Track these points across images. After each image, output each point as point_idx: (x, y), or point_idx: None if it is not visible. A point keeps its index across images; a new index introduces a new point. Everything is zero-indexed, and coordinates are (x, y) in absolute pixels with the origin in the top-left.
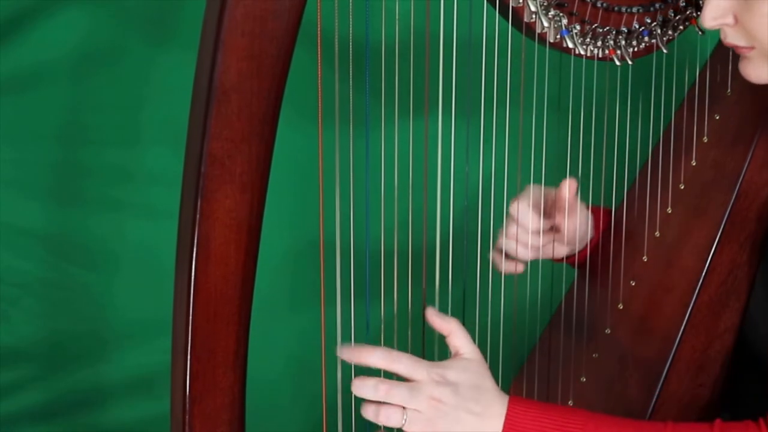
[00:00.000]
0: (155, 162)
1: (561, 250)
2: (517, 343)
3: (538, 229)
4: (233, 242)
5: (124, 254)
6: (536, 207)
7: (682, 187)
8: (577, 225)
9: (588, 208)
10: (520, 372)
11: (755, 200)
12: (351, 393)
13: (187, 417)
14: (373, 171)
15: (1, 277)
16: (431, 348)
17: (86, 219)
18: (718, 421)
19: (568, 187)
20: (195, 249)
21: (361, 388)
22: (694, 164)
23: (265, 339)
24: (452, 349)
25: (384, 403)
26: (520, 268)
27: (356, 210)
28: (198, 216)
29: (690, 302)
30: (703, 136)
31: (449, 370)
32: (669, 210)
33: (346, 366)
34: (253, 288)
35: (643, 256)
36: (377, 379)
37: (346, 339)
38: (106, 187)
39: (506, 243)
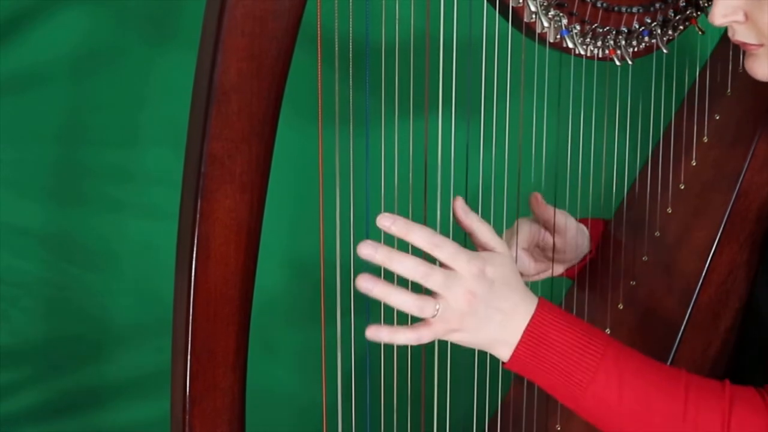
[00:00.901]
0: (155, 162)
1: (557, 269)
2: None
3: (533, 269)
4: (233, 242)
5: (125, 254)
6: (531, 241)
7: (682, 187)
8: (567, 239)
9: (586, 221)
10: None
11: (755, 200)
12: (351, 393)
13: (187, 417)
14: (373, 171)
15: (1, 277)
16: (431, 352)
17: (86, 219)
18: (727, 381)
19: (533, 201)
20: (195, 249)
21: (400, 263)
22: (694, 164)
23: (265, 339)
24: (480, 246)
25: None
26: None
27: (356, 210)
28: (198, 216)
29: (690, 302)
30: (703, 136)
31: (489, 265)
32: (669, 210)
33: (346, 366)
34: (253, 288)
35: (643, 256)
36: (418, 259)
37: (345, 339)
38: (106, 187)
39: None
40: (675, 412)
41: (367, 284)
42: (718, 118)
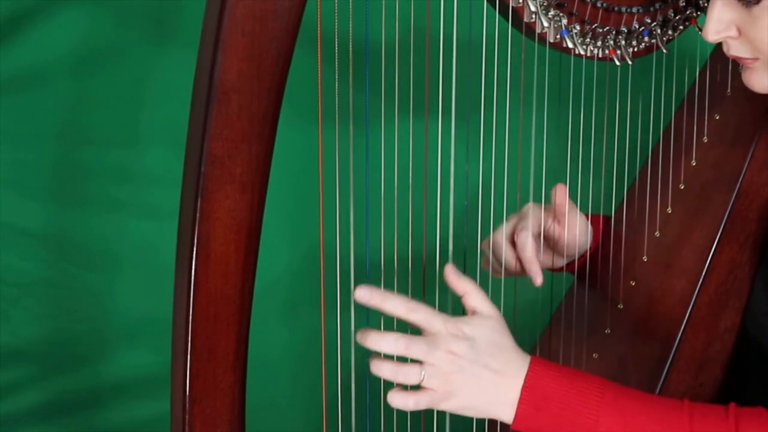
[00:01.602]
0: (155, 162)
1: (558, 261)
2: (517, 343)
3: (513, 261)
4: (233, 242)
5: (125, 254)
6: (536, 228)
7: (682, 187)
8: (576, 234)
9: (587, 215)
10: None
11: (755, 200)
12: (351, 394)
13: (187, 417)
14: (373, 171)
15: (1, 277)
16: None
17: (86, 219)
18: (732, 404)
19: (559, 192)
20: (195, 249)
21: (380, 342)
22: (694, 164)
23: (265, 339)
24: (469, 310)
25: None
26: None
27: (356, 210)
28: (198, 216)
29: (690, 302)
30: (703, 136)
31: (466, 325)
32: (669, 210)
33: (346, 366)
34: (253, 288)
35: (643, 256)
36: (397, 333)
37: (345, 339)
38: (107, 187)
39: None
40: None
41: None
42: (718, 118)
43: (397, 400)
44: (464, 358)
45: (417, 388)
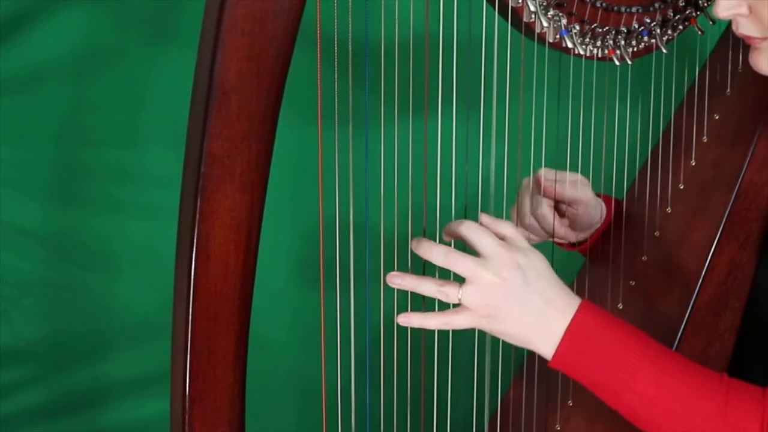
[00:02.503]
0: (155, 162)
1: (572, 236)
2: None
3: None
4: (233, 242)
5: (125, 254)
6: (548, 192)
7: (682, 187)
8: (589, 211)
9: (598, 195)
10: (519, 371)
11: (755, 200)
12: (351, 393)
13: (187, 417)
14: (373, 171)
15: (1, 277)
16: (431, 352)
17: (86, 219)
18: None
19: (537, 180)
20: (195, 249)
21: (431, 250)
22: (693, 164)
23: (265, 338)
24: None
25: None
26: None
27: (356, 209)
28: (198, 216)
29: (690, 302)
30: (703, 136)
31: (521, 255)
32: (669, 210)
33: (346, 366)
34: (253, 288)
35: (643, 255)
36: (446, 248)
37: (345, 339)
38: (106, 187)
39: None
40: (715, 413)
41: (396, 280)
42: (717, 117)
43: (431, 320)
44: (511, 288)
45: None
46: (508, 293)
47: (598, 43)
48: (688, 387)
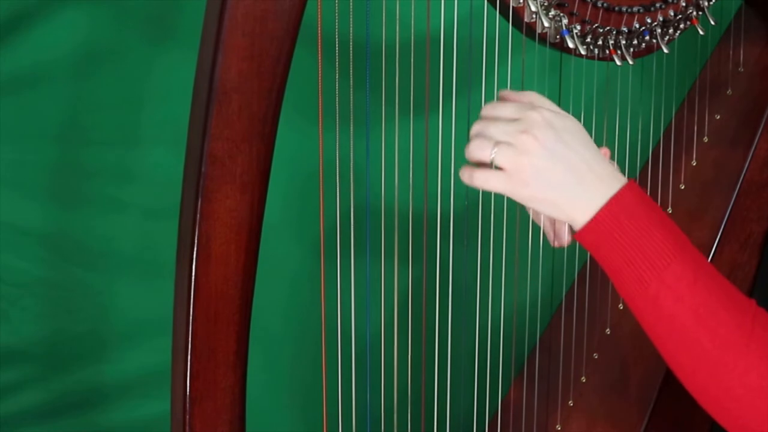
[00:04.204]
0: (155, 162)
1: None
2: (517, 343)
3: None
4: (233, 242)
5: (125, 254)
6: None
7: (683, 187)
8: None
9: None
10: (520, 372)
11: (756, 200)
12: (351, 393)
13: (187, 417)
14: (374, 170)
15: (1, 277)
16: (432, 352)
17: (86, 219)
18: None
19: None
20: (195, 249)
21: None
22: (694, 164)
23: (265, 338)
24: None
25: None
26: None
27: (357, 209)
28: (198, 216)
29: None
30: (704, 136)
31: (551, 113)
32: (669, 210)
33: (346, 366)
34: (254, 288)
35: None
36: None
37: (346, 340)
38: (107, 187)
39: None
40: (739, 326)
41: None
42: (718, 117)
43: (464, 172)
44: (547, 143)
45: None
46: (542, 152)
47: (599, 44)
48: (720, 294)
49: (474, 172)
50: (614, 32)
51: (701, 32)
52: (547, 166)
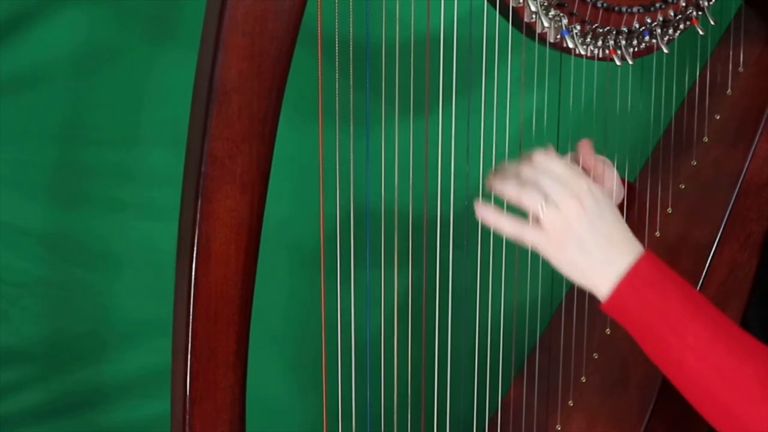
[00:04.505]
0: (155, 162)
1: None
2: (517, 343)
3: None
4: (233, 242)
5: (125, 254)
6: None
7: (683, 187)
8: (614, 195)
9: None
10: (520, 372)
11: (756, 200)
12: (351, 393)
13: (187, 417)
14: (374, 170)
15: (1, 277)
16: (432, 352)
17: (86, 219)
18: None
19: (584, 148)
20: (195, 249)
21: (513, 175)
22: (694, 164)
23: (265, 339)
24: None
25: None
26: None
27: (357, 209)
28: (198, 216)
29: None
30: (704, 136)
31: (595, 188)
32: (669, 210)
33: (346, 365)
34: (254, 288)
35: None
36: (530, 170)
37: (346, 340)
38: (107, 187)
39: None
40: (763, 377)
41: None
42: (718, 117)
43: (505, 223)
44: (590, 213)
45: None
46: (584, 220)
47: (599, 44)
48: (739, 346)
49: (516, 226)
50: (614, 32)
51: (701, 32)
52: (584, 234)
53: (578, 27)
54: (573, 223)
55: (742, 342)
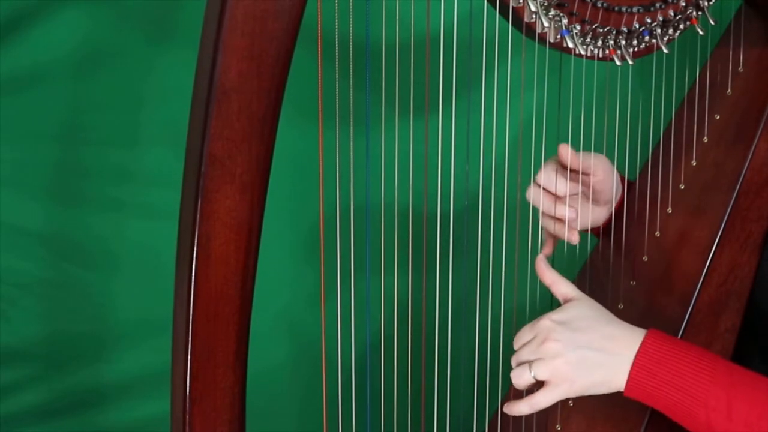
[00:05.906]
0: (155, 162)
1: (598, 213)
2: None
3: (565, 192)
4: (233, 242)
5: (124, 254)
6: (562, 171)
7: (683, 187)
8: (612, 182)
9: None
10: None
11: (756, 200)
12: (352, 393)
13: (187, 417)
14: (374, 170)
15: (1, 277)
16: (431, 352)
17: (86, 219)
18: None
19: (562, 151)
20: (195, 249)
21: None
22: (694, 164)
23: (265, 339)
24: (560, 298)
25: None
26: (575, 238)
27: (356, 209)
28: (198, 216)
29: (690, 302)
30: (704, 136)
31: (555, 313)
32: (669, 210)
33: (346, 366)
34: (253, 288)
35: (644, 256)
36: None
37: (346, 340)
38: (106, 187)
39: (543, 221)
40: None
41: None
42: (718, 117)
43: (513, 407)
44: (564, 342)
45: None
46: (567, 347)
47: (599, 44)
48: (761, 397)
49: (527, 401)
50: (614, 32)
51: (701, 32)
52: (578, 357)
53: (578, 27)
54: (561, 359)
55: (764, 390)
